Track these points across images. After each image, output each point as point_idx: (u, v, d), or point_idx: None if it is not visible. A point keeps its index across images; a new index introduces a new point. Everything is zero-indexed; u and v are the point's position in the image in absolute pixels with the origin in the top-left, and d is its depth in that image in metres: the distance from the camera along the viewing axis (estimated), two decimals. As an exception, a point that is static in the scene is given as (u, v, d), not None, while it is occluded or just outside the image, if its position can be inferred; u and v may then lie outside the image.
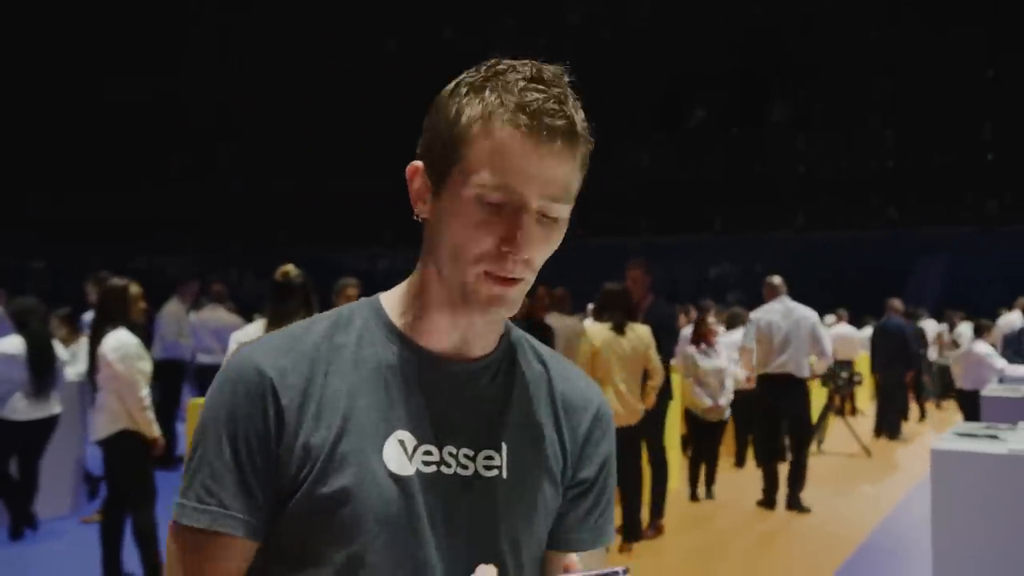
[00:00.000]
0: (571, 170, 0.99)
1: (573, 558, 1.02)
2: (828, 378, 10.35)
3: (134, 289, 4.71)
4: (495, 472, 1.05)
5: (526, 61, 1.00)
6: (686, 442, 9.20)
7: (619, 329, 5.52)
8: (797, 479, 7.04)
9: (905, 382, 11.47)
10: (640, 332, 5.59)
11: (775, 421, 7.20)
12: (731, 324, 9.02)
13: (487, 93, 0.98)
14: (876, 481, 8.62)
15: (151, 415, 4.58)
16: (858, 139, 8.44)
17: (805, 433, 7.19)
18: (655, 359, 5.61)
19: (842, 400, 10.95)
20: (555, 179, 0.97)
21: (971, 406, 8.90)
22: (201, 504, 0.98)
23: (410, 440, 1.01)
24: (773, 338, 6.91)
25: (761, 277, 7.34)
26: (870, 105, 8.50)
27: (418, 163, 1.04)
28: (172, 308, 8.56)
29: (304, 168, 17.52)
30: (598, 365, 5.45)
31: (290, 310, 4.16)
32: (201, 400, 5.25)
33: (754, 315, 7.23)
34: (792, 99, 8.26)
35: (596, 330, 5.56)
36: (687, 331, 9.43)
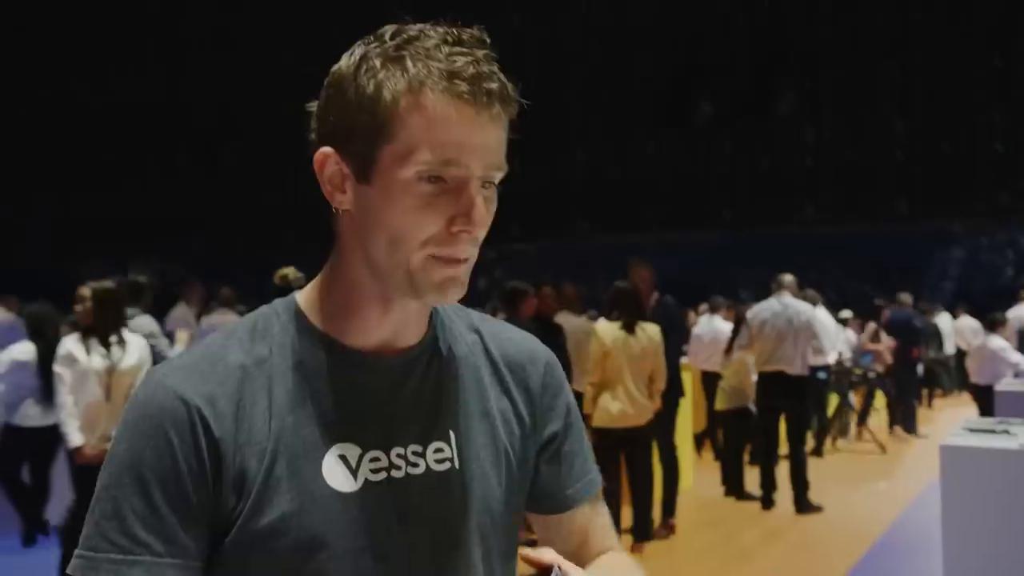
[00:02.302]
0: (504, 134, 0.92)
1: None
2: (842, 375, 10.32)
3: (80, 291, 4.71)
4: (447, 465, 0.98)
5: (435, 24, 0.92)
6: (700, 440, 9.20)
7: (629, 328, 5.48)
8: (798, 479, 6.94)
9: (916, 375, 11.40)
10: (650, 332, 5.55)
11: (772, 419, 7.14)
12: (741, 320, 8.99)
13: (408, 63, 0.88)
14: (891, 477, 8.56)
15: (64, 417, 4.53)
16: (867, 129, 8.39)
17: (801, 430, 7.13)
18: (662, 362, 5.57)
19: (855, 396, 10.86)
20: (496, 146, 0.91)
21: (985, 401, 8.83)
22: (128, 555, 0.86)
23: (353, 452, 0.93)
24: (767, 336, 6.87)
25: (774, 273, 7.29)
26: (878, 94, 8.44)
27: (328, 150, 0.93)
28: (179, 312, 8.58)
29: (307, 169, 17.60)
30: (609, 365, 5.41)
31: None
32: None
33: (749, 314, 7.20)
34: (800, 90, 8.20)
35: (606, 329, 5.51)
36: (697, 329, 9.44)
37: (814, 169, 8.49)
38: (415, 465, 0.96)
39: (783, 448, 7.28)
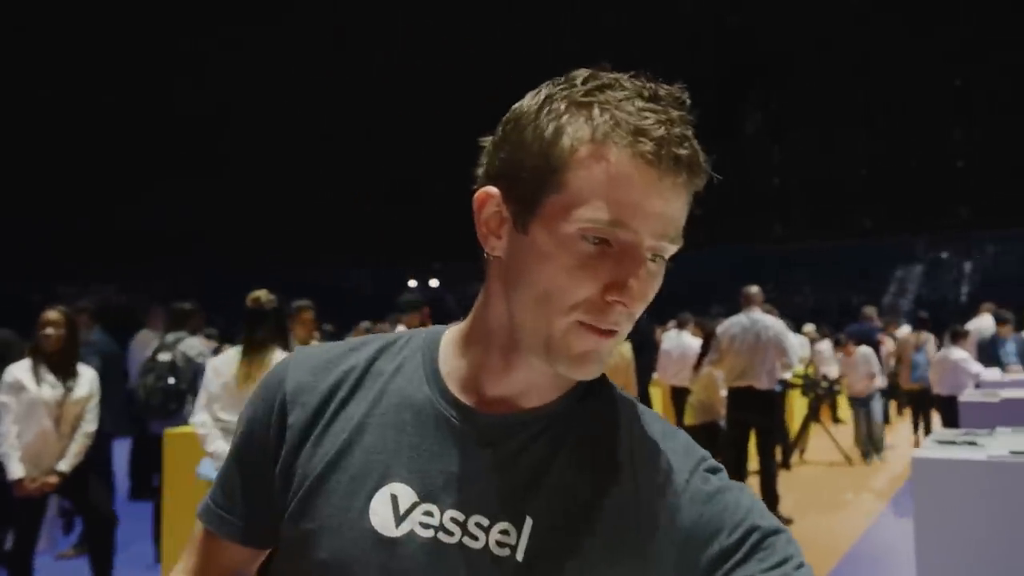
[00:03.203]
0: (686, 206, 0.84)
1: None
2: (809, 388, 10.43)
3: (47, 316, 4.57)
4: (506, 551, 0.84)
5: (633, 75, 0.84)
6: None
7: None
8: (768, 493, 6.99)
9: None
10: (622, 349, 5.59)
11: (741, 434, 7.18)
12: (710, 336, 9.06)
13: (595, 111, 0.81)
14: (859, 489, 8.64)
15: (6, 449, 4.34)
16: (833, 148, 8.61)
17: (771, 445, 7.18)
18: (632, 379, 5.60)
19: (822, 409, 10.99)
20: (673, 216, 0.82)
21: (948, 411, 8.98)
22: (213, 503, 0.99)
23: (407, 496, 0.86)
24: (736, 351, 6.91)
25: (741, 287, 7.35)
26: (843, 112, 8.68)
27: (492, 189, 0.87)
28: (143, 337, 8.45)
29: (292, 185, 17.53)
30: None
31: (262, 337, 4.11)
32: (173, 430, 5.20)
33: (719, 329, 7.25)
34: (765, 110, 8.37)
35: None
36: (666, 345, 9.49)
37: (781, 187, 8.66)
38: (474, 538, 0.85)
39: (751, 462, 7.33)
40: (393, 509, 0.86)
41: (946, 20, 8.46)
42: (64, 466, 4.44)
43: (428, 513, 0.86)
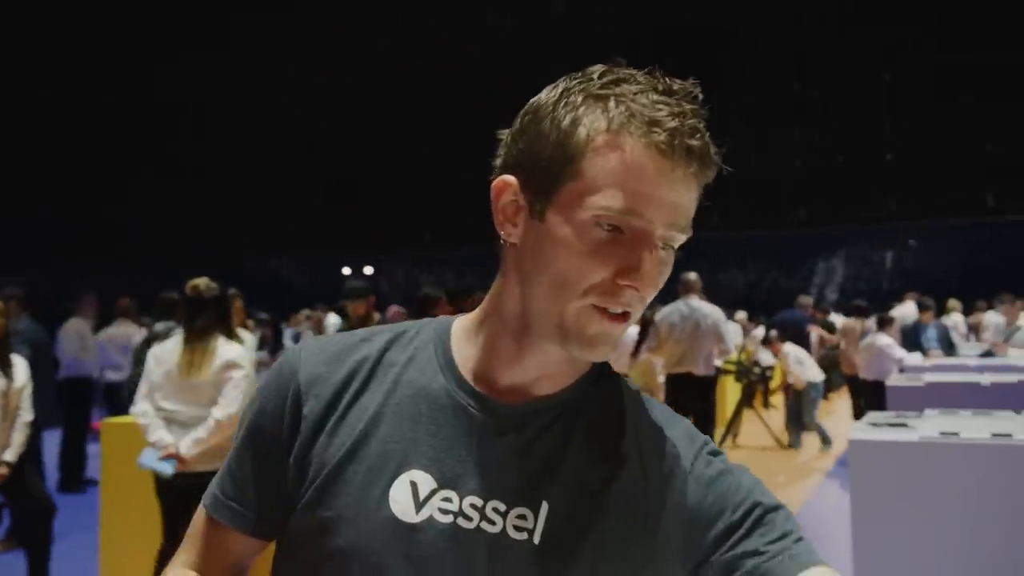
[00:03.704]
0: (696, 197, 0.87)
1: None
2: (742, 374, 10.70)
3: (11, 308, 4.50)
4: (524, 535, 0.87)
5: (647, 71, 0.88)
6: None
7: None
8: None
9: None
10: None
11: None
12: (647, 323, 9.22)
13: (611, 103, 0.84)
14: (790, 471, 8.91)
15: None
16: (768, 141, 8.83)
17: (709, 430, 7.34)
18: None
19: (755, 395, 11.27)
20: (684, 206, 0.85)
21: (874, 396, 9.31)
22: (223, 495, 0.98)
23: (426, 483, 0.89)
24: (675, 339, 7.03)
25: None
26: (778, 107, 8.90)
27: (509, 178, 0.90)
28: (74, 325, 8.21)
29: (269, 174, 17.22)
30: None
31: (203, 325, 4.05)
32: (112, 420, 5.08)
33: (657, 316, 7.37)
34: (703, 102, 8.57)
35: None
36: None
37: (720, 178, 8.83)
38: (492, 523, 0.88)
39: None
40: (413, 496, 0.88)
41: (876, 19, 8.74)
42: (10, 456, 4.32)
43: (447, 499, 0.88)
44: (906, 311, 12.27)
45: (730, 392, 11.26)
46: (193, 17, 15.02)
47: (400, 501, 0.88)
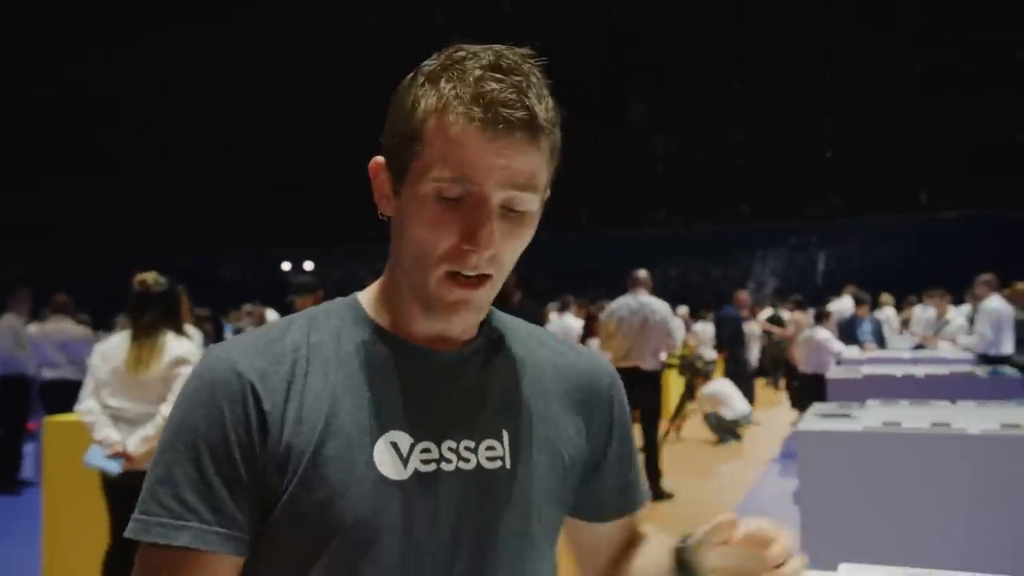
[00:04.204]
0: (535, 161, 0.92)
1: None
2: (685, 368, 10.87)
3: None
4: (498, 463, 0.99)
5: (488, 47, 0.93)
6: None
7: None
8: (651, 467, 7.28)
9: (745, 366, 12.16)
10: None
11: None
12: (591, 317, 9.32)
13: (443, 84, 0.91)
14: (732, 463, 9.10)
15: None
16: (712, 138, 9.02)
17: (654, 422, 7.45)
18: None
19: (697, 388, 11.45)
20: (517, 169, 0.91)
21: (813, 388, 9.55)
22: (177, 520, 0.89)
23: (405, 440, 0.95)
24: (624, 333, 7.10)
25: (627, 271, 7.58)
26: (722, 105, 9.11)
27: (379, 159, 0.99)
28: (7, 322, 7.95)
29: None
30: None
31: (151, 320, 3.96)
32: (55, 418, 4.94)
33: (606, 311, 7.45)
34: (648, 100, 8.67)
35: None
36: (550, 326, 9.71)
37: (665, 175, 9.01)
38: (466, 460, 0.97)
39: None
40: (397, 454, 0.94)
41: (816, 17, 8.96)
42: None
43: (426, 450, 0.96)
44: (843, 305, 12.60)
45: (673, 386, 11.44)
46: (128, 5, 14.66)
47: (386, 463, 0.93)
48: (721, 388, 10.38)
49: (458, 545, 0.96)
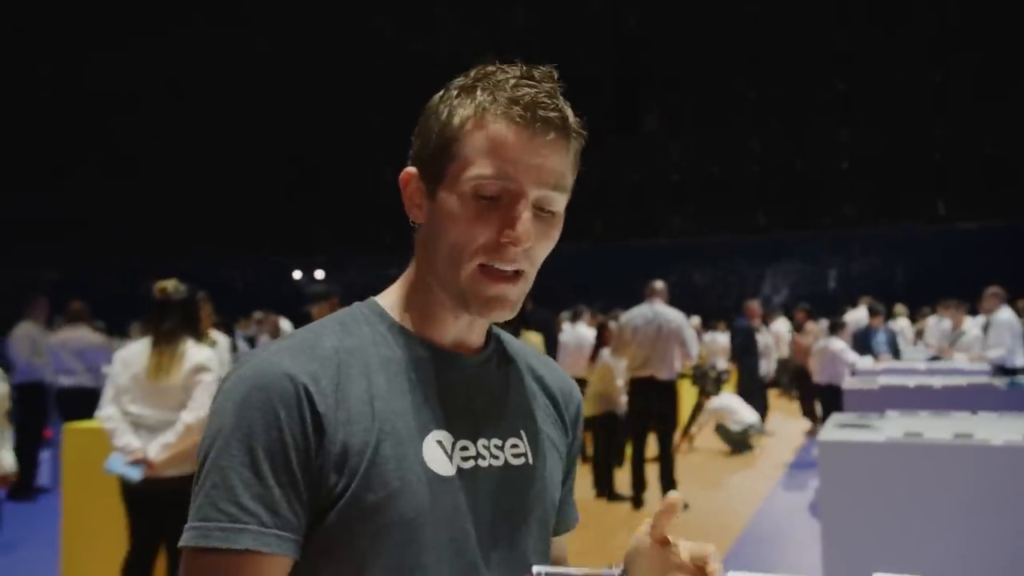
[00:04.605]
0: (565, 162, 1.00)
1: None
2: (698, 378, 10.84)
3: None
4: (523, 459, 1.08)
5: (515, 63, 1.02)
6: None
7: (515, 336, 5.60)
8: (667, 477, 7.25)
9: (757, 377, 12.09)
10: (534, 340, 5.68)
11: (642, 422, 7.41)
12: (603, 327, 9.30)
13: (478, 93, 0.99)
14: (744, 472, 9.06)
15: None
16: (728, 146, 9.02)
17: (670, 431, 7.42)
18: None
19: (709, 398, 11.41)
20: (551, 169, 0.98)
21: (829, 399, 9.52)
22: (236, 523, 0.90)
23: (447, 439, 1.01)
24: (639, 342, 7.09)
25: (644, 281, 7.56)
26: (736, 114, 9.11)
27: (411, 169, 1.05)
28: (25, 329, 8.00)
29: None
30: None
31: (171, 327, 3.99)
32: (73, 424, 4.97)
33: (622, 319, 7.44)
34: (664, 108, 8.68)
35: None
36: (563, 336, 9.69)
37: (679, 183, 9.01)
38: (496, 458, 1.05)
39: (648, 450, 7.58)
40: (444, 452, 1.01)
41: (832, 26, 8.96)
42: (7, 464, 4.17)
43: (464, 448, 1.03)
44: (859, 315, 12.55)
45: (686, 396, 11.40)
46: (132, 4, 14.74)
47: (435, 460, 0.99)
48: (726, 402, 10.35)
49: (496, 534, 1.03)
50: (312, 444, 0.93)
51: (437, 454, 1.00)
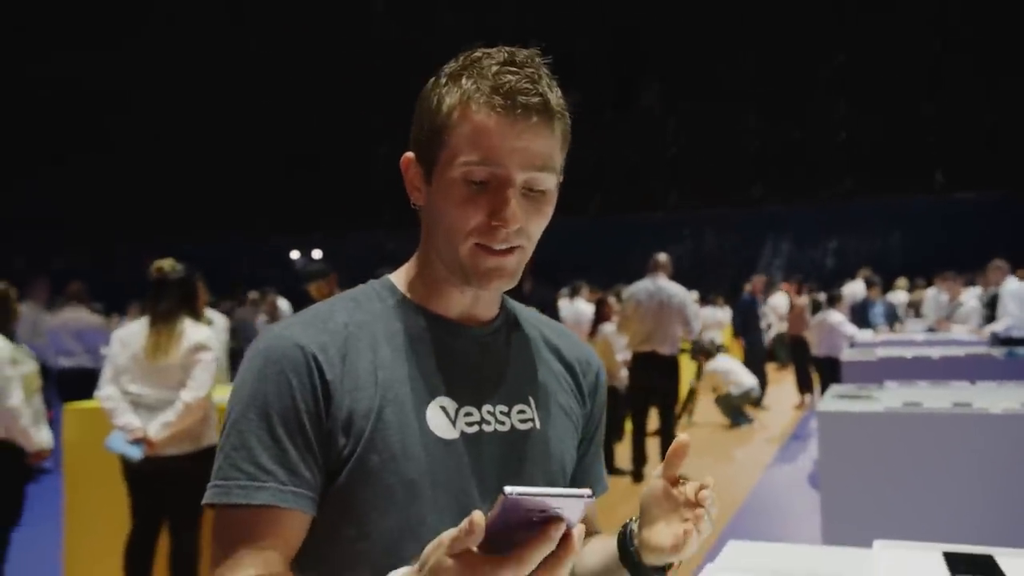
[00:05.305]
0: (550, 144, 1.04)
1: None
2: (697, 352, 10.84)
3: (13, 294, 4.40)
4: (529, 424, 1.13)
5: (500, 48, 1.06)
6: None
7: None
8: (667, 450, 7.24)
9: (762, 352, 12.11)
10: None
11: (643, 397, 7.39)
12: (602, 302, 9.29)
13: (464, 80, 1.04)
14: (744, 446, 9.11)
15: (25, 423, 4.20)
16: (725, 121, 8.97)
17: (671, 406, 7.41)
18: None
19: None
20: (536, 152, 1.02)
21: (827, 370, 9.54)
22: (255, 482, 0.98)
23: (451, 405, 1.07)
24: (642, 317, 7.03)
25: (644, 256, 7.53)
26: (733, 88, 9.05)
27: (410, 154, 1.11)
28: (26, 311, 7.99)
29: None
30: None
31: (168, 307, 3.98)
32: (73, 405, 4.97)
33: (625, 294, 7.41)
34: (661, 85, 8.64)
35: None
36: (562, 312, 9.68)
37: (675, 158, 8.99)
38: (502, 423, 1.11)
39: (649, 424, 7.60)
40: (447, 417, 1.07)
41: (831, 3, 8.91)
42: (44, 440, 4.19)
43: (469, 414, 1.09)
44: (856, 288, 12.56)
45: (685, 371, 11.41)
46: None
47: (438, 425, 1.06)
48: (724, 364, 10.34)
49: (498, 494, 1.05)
50: (322, 409, 1.01)
51: (440, 419, 1.06)
